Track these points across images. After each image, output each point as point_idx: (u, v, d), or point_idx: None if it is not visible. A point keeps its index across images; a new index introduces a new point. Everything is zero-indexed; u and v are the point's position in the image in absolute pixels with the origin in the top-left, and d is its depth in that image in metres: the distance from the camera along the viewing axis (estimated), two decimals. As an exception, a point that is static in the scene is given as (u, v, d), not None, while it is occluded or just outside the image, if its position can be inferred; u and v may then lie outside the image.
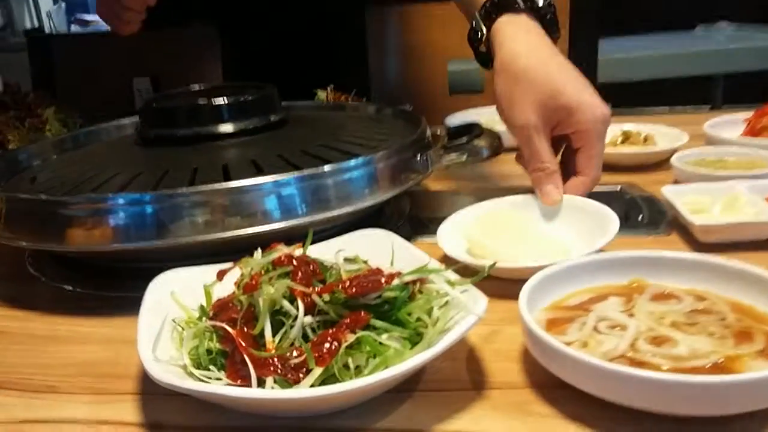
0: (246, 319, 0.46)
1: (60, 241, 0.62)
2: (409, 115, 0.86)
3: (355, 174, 0.65)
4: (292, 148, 0.72)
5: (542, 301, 0.50)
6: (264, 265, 0.49)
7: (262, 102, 0.78)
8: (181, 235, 0.59)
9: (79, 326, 0.60)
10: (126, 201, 0.59)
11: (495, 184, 0.90)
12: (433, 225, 0.76)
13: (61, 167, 0.78)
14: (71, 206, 0.61)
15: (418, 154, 0.72)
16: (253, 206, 0.60)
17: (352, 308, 0.45)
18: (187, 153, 0.74)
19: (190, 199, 0.59)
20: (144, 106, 0.78)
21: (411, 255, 0.54)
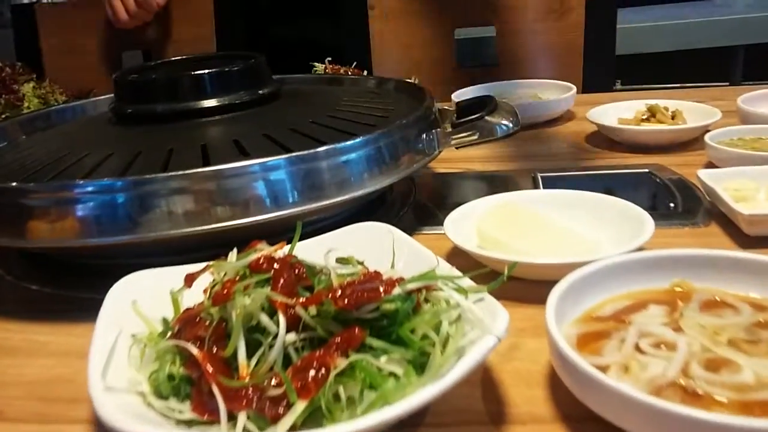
0: (216, 337, 0.38)
1: (14, 236, 0.54)
2: (413, 89, 0.78)
3: (352, 156, 0.57)
4: (281, 127, 0.64)
5: (571, 311, 0.42)
6: (239, 270, 0.41)
7: (249, 74, 0.69)
8: (148, 230, 0.51)
9: (36, 334, 0.53)
10: (84, 189, 0.51)
11: (511, 166, 0.81)
12: (441, 213, 0.68)
13: (26, 149, 0.69)
14: (23, 195, 0.53)
15: (424, 133, 0.63)
16: (232, 194, 0.52)
17: (344, 323, 0.37)
18: (165, 131, 0.66)
19: (158, 186, 0.51)
20: (118, 79, 0.70)
21: (416, 254, 0.46)
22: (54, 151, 0.65)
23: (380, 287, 0.38)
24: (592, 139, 0.89)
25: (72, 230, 0.52)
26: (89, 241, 0.52)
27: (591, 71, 1.24)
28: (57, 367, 0.48)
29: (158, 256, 0.57)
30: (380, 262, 0.45)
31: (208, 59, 0.75)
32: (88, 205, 0.51)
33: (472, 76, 1.25)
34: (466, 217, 0.58)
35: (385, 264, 0.45)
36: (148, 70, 0.72)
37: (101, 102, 0.85)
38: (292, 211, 0.54)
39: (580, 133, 0.92)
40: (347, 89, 0.86)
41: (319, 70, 1.10)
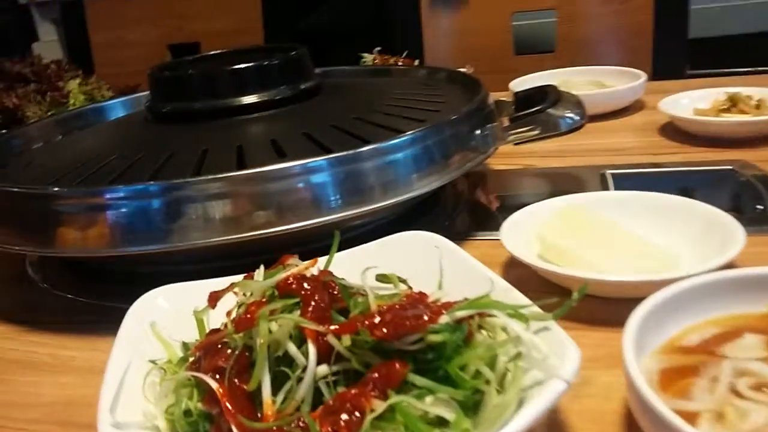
0: (238, 368, 0.33)
1: (38, 243, 0.51)
2: (467, 79, 0.72)
3: (399, 156, 0.52)
4: (321, 124, 0.59)
5: (652, 339, 0.36)
6: (265, 291, 0.36)
7: (290, 67, 0.65)
8: (176, 238, 0.47)
9: (63, 348, 0.49)
10: (103, 195, 0.48)
11: (576, 162, 0.74)
12: (498, 215, 0.62)
13: (60, 150, 0.67)
14: (42, 200, 0.50)
15: (478, 129, 0.57)
16: (266, 200, 0.48)
17: (383, 353, 0.32)
18: (200, 131, 0.62)
19: (186, 192, 0.47)
20: (152, 75, 0.66)
21: (468, 270, 0.41)
22: (85, 152, 0.62)
23: (425, 314, 0.32)
24: (665, 132, 0.81)
25: (96, 238, 0.48)
26: (111, 251, 0.48)
27: (661, 56, 1.15)
28: (78, 386, 0.44)
29: (192, 264, 0.54)
30: (426, 279, 0.39)
31: (248, 52, 0.71)
32: (110, 212, 0.48)
33: (530, 64, 1.18)
34: (525, 221, 0.52)
35: (432, 282, 0.39)
36: (184, 65, 0.69)
37: (143, 98, 0.82)
38: (331, 217, 0.49)
39: (651, 125, 0.84)
40: (395, 81, 0.81)
41: (368, 60, 1.05)
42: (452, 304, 0.33)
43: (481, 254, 0.54)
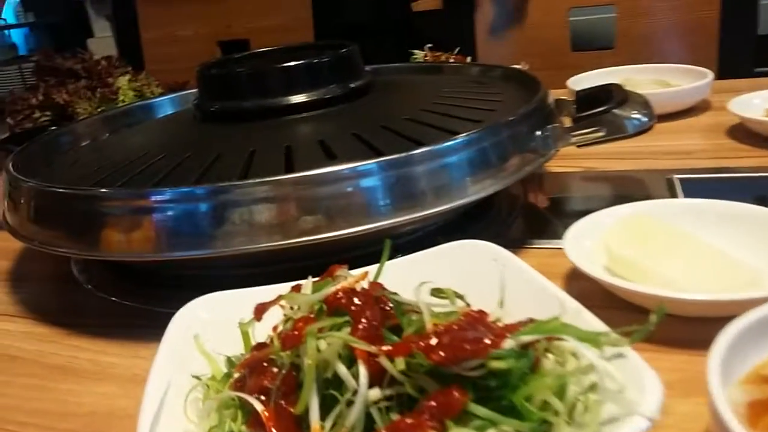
0: (285, 388, 0.31)
1: (86, 246, 0.49)
2: (524, 77, 0.68)
3: (453, 159, 0.49)
4: (372, 124, 0.56)
5: (738, 366, 0.32)
6: (313, 305, 0.34)
7: (340, 65, 0.62)
8: (221, 244, 0.45)
9: (104, 354, 0.48)
10: (152, 196, 0.46)
11: (640, 165, 0.70)
12: (557, 222, 0.59)
13: (106, 148, 0.66)
14: (89, 201, 0.48)
15: (538, 130, 0.54)
16: (313, 205, 0.45)
17: (440, 378, 0.29)
18: (247, 130, 0.60)
19: (230, 196, 0.45)
20: (200, 72, 0.65)
21: (529, 284, 0.38)
22: (132, 151, 0.61)
23: (487, 337, 0.29)
24: (734, 134, 0.76)
25: (140, 242, 0.47)
26: (156, 256, 0.47)
27: (727, 54, 1.09)
28: (119, 396, 0.43)
29: (238, 268, 0.52)
30: (484, 294, 0.36)
31: (297, 50, 0.69)
32: (155, 215, 0.46)
33: (587, 61, 1.14)
34: (589, 230, 0.49)
35: (491, 298, 0.36)
36: (232, 63, 0.67)
37: (191, 95, 0.81)
38: (382, 223, 0.46)
39: (718, 127, 0.79)
40: (448, 79, 0.78)
41: (419, 57, 1.02)
42: (517, 326, 0.30)
43: (540, 264, 0.51)
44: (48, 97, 1.00)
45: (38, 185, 0.53)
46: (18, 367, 0.48)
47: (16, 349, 0.50)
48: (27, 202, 0.54)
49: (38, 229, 0.53)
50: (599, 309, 0.42)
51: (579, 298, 0.45)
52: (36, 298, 0.59)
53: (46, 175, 0.62)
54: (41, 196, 0.52)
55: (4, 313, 0.57)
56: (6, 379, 0.46)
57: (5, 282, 0.63)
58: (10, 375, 0.47)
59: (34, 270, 0.64)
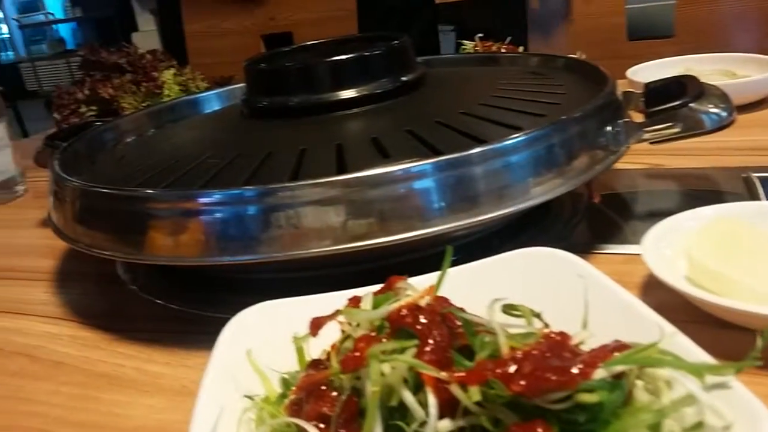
0: (346, 416, 0.28)
1: (131, 248, 0.48)
2: (589, 69, 0.64)
3: (516, 158, 0.46)
4: (426, 120, 0.53)
5: None
6: (375, 322, 0.31)
7: (391, 58, 0.59)
8: (271, 248, 0.43)
9: (150, 362, 0.46)
10: (200, 198, 0.44)
11: (713, 162, 0.65)
12: (625, 225, 0.55)
13: (153, 145, 0.64)
14: (134, 202, 0.47)
15: (608, 125, 0.50)
16: (365, 208, 0.43)
17: (518, 409, 0.26)
18: (298, 127, 0.57)
19: (283, 198, 0.42)
20: (248, 67, 0.62)
21: (611, 298, 0.34)
22: (179, 148, 0.59)
23: (575, 365, 0.26)
24: (812, 128, 0.71)
25: (187, 246, 0.45)
26: (203, 261, 0.44)
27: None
28: (167, 410, 0.41)
29: (289, 272, 0.50)
30: (558, 309, 0.33)
31: (347, 42, 0.66)
32: (202, 217, 0.44)
33: (645, 50, 1.09)
34: (666, 236, 0.45)
35: (566, 314, 0.33)
36: (280, 57, 0.64)
37: (237, 90, 0.79)
38: (437, 229, 0.43)
39: (793, 120, 0.74)
40: (504, 70, 0.74)
41: (468, 48, 0.98)
42: (607, 352, 0.27)
43: (611, 272, 0.47)
44: (94, 92, 0.99)
45: (83, 185, 0.51)
46: (64, 374, 0.46)
47: (62, 354, 0.49)
48: (72, 201, 0.52)
49: (83, 229, 0.51)
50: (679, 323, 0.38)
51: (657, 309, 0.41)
52: (80, 299, 0.58)
53: (91, 173, 0.61)
54: (86, 196, 0.51)
55: (49, 315, 0.55)
56: (52, 387, 0.45)
57: (50, 282, 0.62)
58: (56, 383, 0.45)
59: (79, 269, 0.63)
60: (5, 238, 0.76)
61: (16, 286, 0.63)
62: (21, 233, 0.77)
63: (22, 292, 0.61)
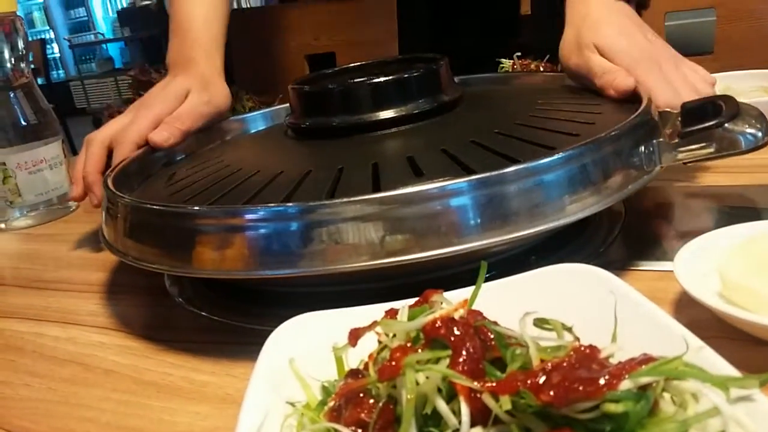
0: (383, 422, 0.30)
1: (178, 262, 0.50)
2: (624, 88, 0.65)
3: (550, 177, 0.47)
4: (461, 139, 0.55)
5: None
6: (410, 333, 0.32)
7: (430, 80, 0.61)
8: (312, 263, 0.45)
9: (197, 372, 0.48)
10: (235, 215, 0.46)
11: (749, 179, 0.65)
12: (661, 242, 0.56)
13: (201, 164, 0.67)
14: (183, 217, 0.49)
15: (642, 145, 0.51)
16: (399, 225, 0.44)
17: (548, 420, 0.28)
18: (337, 146, 0.60)
19: (319, 215, 0.44)
20: (291, 89, 0.65)
21: (641, 313, 0.35)
22: (226, 167, 0.61)
23: (602, 377, 0.27)
24: None
25: (231, 260, 0.47)
26: (247, 274, 0.47)
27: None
28: (213, 417, 0.43)
29: (330, 285, 0.52)
30: (589, 324, 0.34)
31: (387, 64, 0.68)
32: (246, 233, 0.46)
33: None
34: (700, 252, 0.45)
35: (597, 329, 0.34)
36: (324, 79, 0.67)
37: (282, 111, 0.81)
38: (472, 245, 0.45)
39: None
40: (542, 88, 0.75)
41: (507, 66, 1.00)
42: (634, 365, 0.28)
43: (646, 289, 0.48)
44: (143, 112, 1.03)
45: (133, 201, 0.54)
46: (113, 381, 0.49)
47: (111, 362, 0.51)
48: (122, 217, 0.55)
49: (132, 244, 0.54)
50: (712, 339, 0.39)
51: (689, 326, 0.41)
52: (129, 310, 0.61)
53: (141, 191, 0.64)
54: (136, 212, 0.53)
55: (100, 326, 0.58)
56: (103, 394, 0.47)
57: (101, 294, 0.64)
58: (106, 389, 0.48)
59: (128, 282, 0.66)
60: (60, 252, 0.79)
61: (69, 298, 0.66)
62: (73, 246, 0.80)
63: (74, 303, 0.64)
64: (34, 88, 0.91)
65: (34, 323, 0.61)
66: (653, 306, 0.35)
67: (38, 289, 0.69)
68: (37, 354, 0.55)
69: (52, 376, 0.51)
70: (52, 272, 0.74)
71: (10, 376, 0.52)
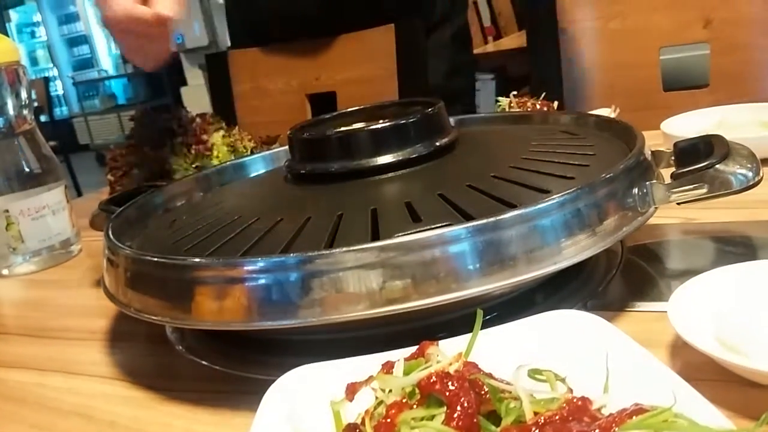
0: (378, 481, 0.30)
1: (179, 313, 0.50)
2: (619, 127, 0.66)
3: (545, 222, 0.47)
4: (458, 183, 0.55)
5: None
6: (406, 388, 0.33)
7: (426, 125, 0.62)
8: (311, 313, 0.45)
9: (198, 422, 0.48)
10: (244, 266, 0.47)
11: (746, 216, 0.66)
12: (659, 281, 0.56)
13: (201, 210, 0.67)
14: (182, 269, 0.49)
15: (636, 187, 0.52)
16: (397, 273, 0.44)
17: (542, 475, 0.28)
18: (337, 192, 0.60)
19: (319, 265, 0.45)
20: (291, 136, 0.66)
21: (635, 361, 0.35)
22: (227, 213, 0.62)
23: (591, 430, 0.27)
24: None
25: (231, 311, 0.47)
26: (246, 326, 0.47)
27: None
28: (211, 472, 0.43)
29: (327, 333, 0.52)
30: (584, 372, 0.34)
31: (384, 108, 0.70)
32: (246, 284, 0.46)
33: (681, 100, 1.10)
34: (696, 294, 0.45)
35: (592, 377, 0.34)
36: (320, 125, 0.68)
37: (281, 153, 0.82)
38: (470, 291, 0.45)
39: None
40: (537, 129, 0.76)
41: (503, 104, 1.01)
42: (623, 417, 0.28)
43: (643, 331, 0.48)
44: (146, 155, 1.04)
45: (134, 253, 0.54)
46: (113, 434, 0.49)
47: (114, 414, 0.52)
48: (123, 267, 0.55)
49: (133, 294, 0.54)
50: (708, 381, 0.39)
51: (686, 368, 0.42)
52: (131, 359, 0.61)
53: (143, 238, 0.65)
54: (136, 263, 0.54)
55: (102, 375, 0.58)
56: (106, 447, 0.47)
57: (103, 342, 0.65)
58: (106, 442, 0.48)
59: (129, 330, 0.66)
60: (61, 299, 0.80)
61: (71, 346, 0.66)
62: (75, 293, 0.81)
63: (75, 352, 0.64)
64: (37, 134, 0.93)
65: (37, 373, 0.61)
66: (646, 353, 0.35)
67: (41, 338, 0.70)
68: (39, 405, 0.55)
69: (54, 428, 0.51)
70: (55, 320, 0.74)
71: (13, 428, 0.52)
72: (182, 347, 0.59)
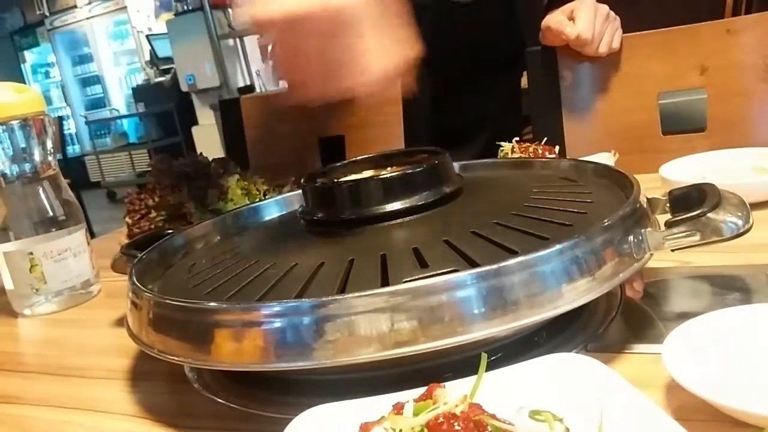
0: None
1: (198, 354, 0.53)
2: (616, 175, 0.69)
3: (545, 269, 0.50)
4: (462, 230, 0.59)
5: None
6: (415, 429, 0.35)
7: (432, 173, 0.65)
8: (324, 355, 0.48)
9: (214, 460, 0.51)
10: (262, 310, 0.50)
11: (741, 260, 0.68)
12: (655, 323, 0.59)
13: (219, 254, 0.71)
14: (203, 313, 0.53)
15: (632, 234, 0.55)
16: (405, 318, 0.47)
17: None
18: (348, 237, 0.64)
19: (332, 309, 0.48)
20: (304, 185, 0.70)
21: (630, 403, 0.38)
22: (243, 258, 0.65)
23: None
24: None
25: (248, 353, 0.50)
26: (263, 366, 0.50)
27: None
28: None
29: (342, 373, 0.55)
30: (582, 413, 0.37)
31: (392, 157, 0.73)
32: (262, 327, 0.49)
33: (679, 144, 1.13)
34: (691, 337, 0.48)
35: (589, 418, 0.37)
36: (332, 172, 0.72)
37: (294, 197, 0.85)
38: (475, 335, 0.48)
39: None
40: (537, 175, 0.79)
41: (506, 149, 1.05)
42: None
43: (639, 372, 0.51)
44: (163, 198, 1.08)
45: (156, 296, 0.58)
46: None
47: (133, 451, 0.54)
48: (146, 310, 0.58)
49: (156, 336, 0.57)
50: (701, 422, 0.41)
51: (680, 409, 0.44)
52: (151, 397, 0.63)
53: (164, 281, 0.68)
54: (159, 306, 0.57)
55: (125, 413, 0.61)
56: (129, 484, 0.50)
57: (125, 380, 0.67)
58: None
59: (149, 368, 0.69)
60: (82, 338, 0.83)
61: (91, 385, 0.69)
62: (96, 332, 0.83)
63: (98, 390, 0.67)
64: (60, 179, 0.97)
65: (62, 411, 0.64)
66: (641, 396, 0.38)
67: (63, 376, 0.72)
68: (64, 443, 0.58)
69: (83, 464, 0.54)
70: (76, 358, 0.77)
71: (44, 463, 0.55)
72: (199, 385, 0.62)
